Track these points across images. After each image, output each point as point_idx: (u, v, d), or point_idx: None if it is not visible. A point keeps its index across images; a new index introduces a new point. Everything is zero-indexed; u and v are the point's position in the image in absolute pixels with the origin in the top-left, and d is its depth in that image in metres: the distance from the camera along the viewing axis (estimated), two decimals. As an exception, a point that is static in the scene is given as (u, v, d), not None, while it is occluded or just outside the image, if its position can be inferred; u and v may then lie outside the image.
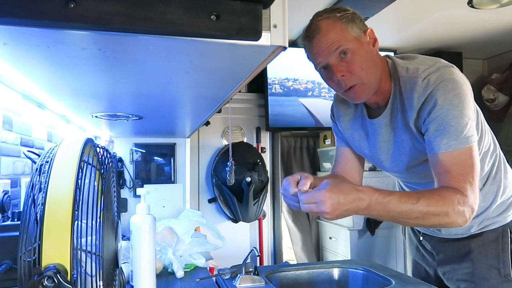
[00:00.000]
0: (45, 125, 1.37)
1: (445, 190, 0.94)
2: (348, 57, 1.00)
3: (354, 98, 1.08)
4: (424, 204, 0.90)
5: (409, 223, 0.94)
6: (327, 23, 1.01)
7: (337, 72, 1.01)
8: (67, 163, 0.62)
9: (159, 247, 1.31)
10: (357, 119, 1.21)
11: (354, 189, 0.89)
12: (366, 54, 1.02)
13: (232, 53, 0.68)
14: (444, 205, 0.91)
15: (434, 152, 0.99)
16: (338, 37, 1.00)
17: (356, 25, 1.02)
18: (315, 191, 0.89)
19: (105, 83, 0.90)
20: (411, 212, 0.90)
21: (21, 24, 0.53)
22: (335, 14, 1.01)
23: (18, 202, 1.13)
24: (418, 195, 0.93)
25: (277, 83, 2.65)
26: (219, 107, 1.24)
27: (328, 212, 0.86)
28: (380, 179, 2.51)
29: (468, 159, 0.97)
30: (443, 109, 0.96)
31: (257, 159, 2.55)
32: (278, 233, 2.76)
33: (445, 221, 0.93)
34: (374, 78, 1.04)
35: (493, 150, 1.15)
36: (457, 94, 0.97)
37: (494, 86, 2.86)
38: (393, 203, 0.90)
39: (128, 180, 2.10)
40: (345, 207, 0.87)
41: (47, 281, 0.52)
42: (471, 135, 0.97)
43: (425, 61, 1.05)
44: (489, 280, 1.13)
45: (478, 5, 2.10)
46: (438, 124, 0.97)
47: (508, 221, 1.15)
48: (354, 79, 1.02)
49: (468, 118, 0.97)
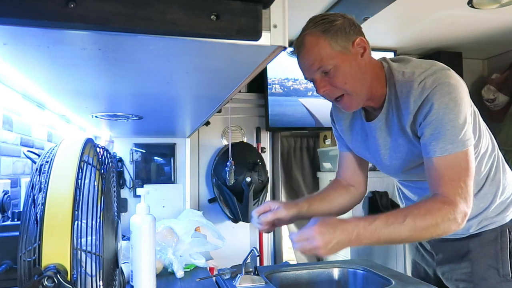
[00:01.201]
0: (45, 125, 1.37)
1: (432, 202, 0.96)
2: (331, 73, 1.02)
3: (344, 108, 1.10)
4: (411, 221, 0.92)
5: (405, 242, 0.95)
6: (310, 40, 1.01)
7: (319, 88, 1.05)
8: (67, 163, 0.62)
9: (159, 247, 1.31)
10: (357, 120, 1.22)
11: (340, 221, 0.93)
12: (350, 68, 1.02)
13: (232, 53, 0.68)
14: (432, 217, 0.93)
15: (429, 156, 1.00)
16: (320, 55, 1.00)
17: (342, 38, 1.01)
18: (305, 229, 0.93)
19: (105, 83, 0.90)
20: (401, 232, 0.92)
21: (21, 24, 0.53)
22: (321, 27, 1.01)
23: (18, 202, 1.13)
24: (404, 212, 0.95)
25: (277, 83, 2.65)
26: (219, 107, 1.24)
27: (320, 246, 0.90)
28: (380, 179, 2.52)
29: (462, 163, 0.97)
30: (438, 113, 0.97)
31: (257, 159, 2.55)
32: (278, 233, 2.76)
33: (438, 232, 0.94)
34: (360, 89, 1.05)
35: (491, 151, 1.15)
36: (453, 97, 0.97)
37: (494, 86, 2.86)
38: (380, 227, 0.92)
39: (128, 180, 2.10)
40: (335, 239, 0.90)
41: (47, 281, 0.53)
42: (467, 138, 0.98)
43: (421, 64, 1.05)
44: (488, 280, 1.14)
45: (478, 5, 2.10)
46: (434, 128, 0.98)
47: (507, 221, 1.15)
48: (338, 91, 1.05)
49: (464, 122, 0.97)
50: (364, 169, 1.32)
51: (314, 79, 1.05)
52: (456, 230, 0.96)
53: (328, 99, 1.11)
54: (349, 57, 1.02)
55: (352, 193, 1.31)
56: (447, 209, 0.94)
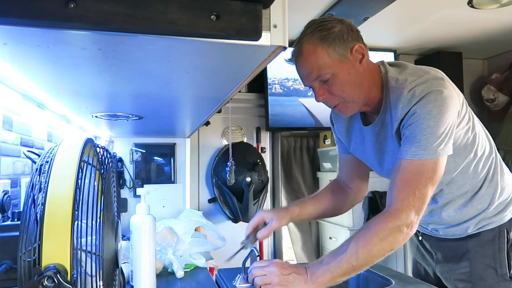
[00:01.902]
0: (45, 125, 1.37)
1: (375, 219, 0.97)
2: (329, 81, 1.02)
3: (341, 114, 1.12)
4: (354, 245, 0.94)
5: (360, 268, 0.96)
6: (308, 48, 1.01)
7: (318, 96, 1.06)
8: (67, 163, 0.62)
9: (159, 247, 1.31)
10: (355, 122, 1.22)
11: (295, 265, 1.01)
12: (348, 76, 1.02)
13: (232, 53, 0.68)
14: (373, 234, 0.94)
15: (400, 157, 1.00)
16: (318, 65, 1.00)
17: (340, 45, 1.00)
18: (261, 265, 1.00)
19: (105, 83, 0.90)
20: (348, 258, 0.94)
21: (21, 24, 0.53)
22: (318, 35, 1.00)
23: (18, 202, 1.13)
24: (350, 239, 0.97)
25: (277, 83, 2.65)
26: (219, 107, 1.24)
27: (277, 281, 0.95)
28: (380, 179, 2.51)
29: (427, 171, 0.97)
30: (419, 117, 0.97)
31: (257, 159, 2.55)
32: (278, 233, 2.76)
33: (385, 247, 0.94)
34: (358, 96, 1.05)
35: (488, 154, 1.15)
36: (438, 105, 0.96)
37: (494, 86, 2.86)
38: (328, 261, 0.95)
39: (128, 180, 2.10)
40: (291, 275, 0.96)
41: (47, 281, 0.53)
42: (442, 148, 0.97)
43: (415, 71, 1.04)
44: (486, 280, 1.14)
45: (478, 5, 2.10)
46: (412, 131, 0.98)
47: (505, 221, 1.15)
48: (336, 99, 1.06)
49: (443, 132, 0.96)
50: (363, 172, 1.32)
51: (313, 87, 1.06)
52: (405, 240, 0.96)
53: (327, 106, 1.12)
54: (347, 64, 1.02)
55: (350, 195, 1.32)
56: (389, 219, 0.94)
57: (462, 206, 1.15)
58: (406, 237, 0.96)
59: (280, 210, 1.25)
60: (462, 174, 1.11)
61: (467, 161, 1.10)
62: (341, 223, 2.59)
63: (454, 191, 1.13)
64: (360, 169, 1.31)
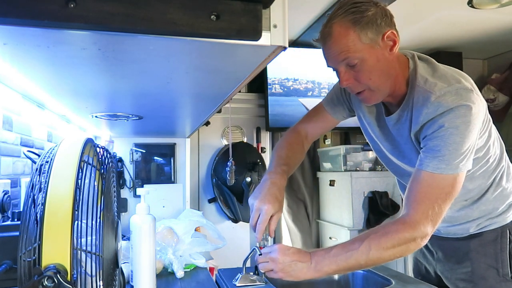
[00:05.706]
0: (45, 125, 1.37)
1: (391, 224, 0.97)
2: (357, 67, 0.98)
3: (364, 101, 1.08)
4: (367, 245, 0.93)
5: (366, 266, 0.96)
6: (339, 30, 0.96)
7: (343, 81, 1.01)
8: (67, 163, 0.62)
9: (159, 247, 1.31)
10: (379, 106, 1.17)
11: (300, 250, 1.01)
12: (377, 63, 0.98)
13: (232, 53, 0.68)
14: (388, 239, 0.93)
15: (421, 168, 0.98)
16: (348, 47, 0.95)
17: (372, 30, 0.95)
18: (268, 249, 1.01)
19: (105, 83, 0.90)
20: (358, 257, 0.93)
21: (21, 24, 0.53)
22: (351, 17, 0.95)
23: (18, 202, 1.13)
24: (362, 237, 0.96)
25: (277, 83, 2.65)
26: (219, 107, 1.24)
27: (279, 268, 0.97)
28: (380, 179, 2.52)
29: (446, 187, 0.96)
30: (447, 131, 0.94)
31: (257, 159, 2.55)
32: (278, 233, 2.76)
33: (396, 254, 0.94)
34: (384, 85, 1.01)
35: (499, 159, 1.13)
36: (467, 121, 0.93)
37: (494, 86, 2.86)
38: (337, 253, 0.95)
39: (128, 180, 2.10)
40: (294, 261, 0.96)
41: (47, 281, 0.52)
42: (463, 164, 0.96)
43: (446, 77, 0.99)
44: (488, 279, 1.14)
45: (478, 5, 2.10)
46: (436, 144, 0.95)
47: (507, 221, 1.15)
48: (361, 86, 1.01)
49: (467, 148, 0.95)
50: (323, 133, 1.31)
51: (338, 70, 1.01)
52: (416, 249, 0.97)
53: (349, 92, 1.08)
54: (377, 50, 0.97)
55: (305, 149, 1.31)
56: (407, 229, 0.94)
57: (465, 207, 1.15)
58: (418, 247, 0.96)
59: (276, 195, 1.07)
60: (471, 180, 1.10)
61: (478, 168, 1.09)
62: (341, 223, 2.59)
63: (461, 196, 1.10)
64: (325, 131, 1.31)
